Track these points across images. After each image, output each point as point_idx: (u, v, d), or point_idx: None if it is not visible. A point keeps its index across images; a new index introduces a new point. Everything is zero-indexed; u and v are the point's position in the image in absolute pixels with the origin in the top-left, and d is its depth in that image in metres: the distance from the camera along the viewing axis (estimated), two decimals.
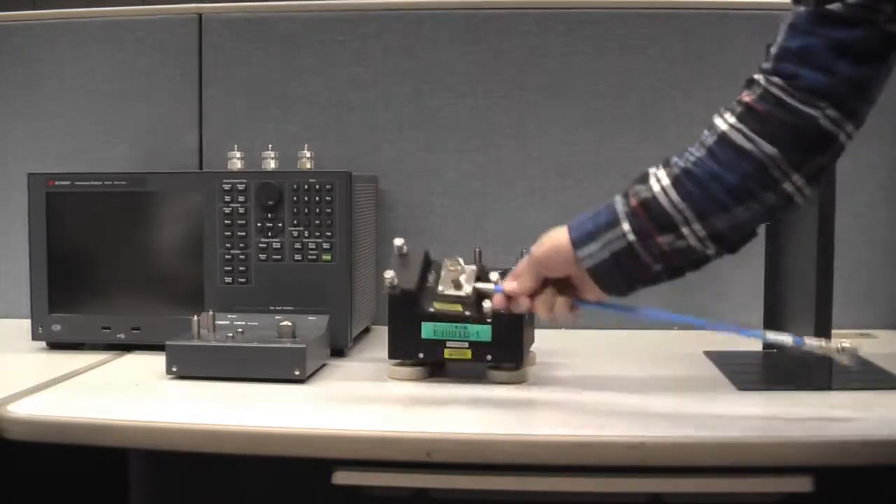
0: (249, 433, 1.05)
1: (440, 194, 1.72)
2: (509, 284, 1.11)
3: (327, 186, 1.41)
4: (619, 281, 1.04)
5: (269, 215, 1.42)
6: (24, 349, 1.46)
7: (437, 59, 1.71)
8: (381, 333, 1.35)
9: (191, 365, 1.26)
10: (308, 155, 1.52)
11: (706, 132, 1.00)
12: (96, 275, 1.46)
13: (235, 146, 1.51)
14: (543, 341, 1.40)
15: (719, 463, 1.02)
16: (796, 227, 1.25)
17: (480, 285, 1.14)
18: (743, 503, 1.07)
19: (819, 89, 0.94)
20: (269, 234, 1.42)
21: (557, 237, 1.06)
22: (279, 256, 1.42)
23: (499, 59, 1.70)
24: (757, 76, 0.98)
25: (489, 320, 1.13)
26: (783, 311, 1.38)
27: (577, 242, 1.04)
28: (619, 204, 1.03)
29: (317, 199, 1.41)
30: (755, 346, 1.44)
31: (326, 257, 1.41)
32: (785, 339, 1.06)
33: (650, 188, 1.01)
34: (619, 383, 1.27)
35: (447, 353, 1.27)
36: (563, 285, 1.09)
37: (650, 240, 1.00)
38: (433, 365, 1.29)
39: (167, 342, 1.27)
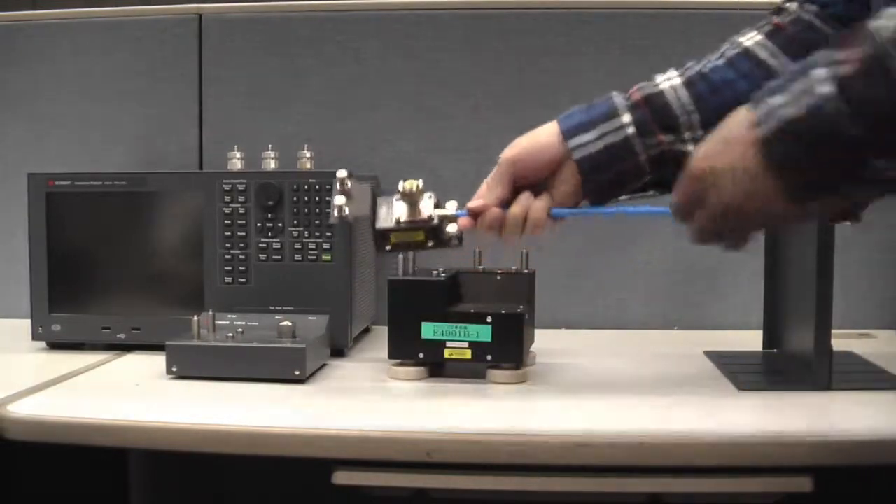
0: (249, 433, 1.05)
1: (440, 194, 1.72)
2: (475, 201, 1.04)
3: (327, 186, 1.41)
4: (606, 179, 0.98)
5: (269, 215, 1.42)
6: (24, 349, 1.46)
7: (437, 59, 1.71)
8: (381, 333, 1.35)
9: (191, 365, 1.26)
10: (308, 155, 1.51)
11: (727, 45, 0.98)
12: (96, 275, 1.46)
13: (235, 146, 1.51)
14: (543, 341, 1.40)
15: (719, 463, 1.02)
16: (796, 227, 1.25)
17: (441, 210, 1.07)
18: (743, 503, 1.07)
19: (847, 19, 0.94)
20: (269, 234, 1.42)
21: (540, 132, 1.00)
22: (279, 256, 1.42)
23: (499, 59, 1.70)
24: (789, 4, 0.98)
25: (455, 243, 1.06)
26: (783, 311, 1.38)
27: (568, 132, 0.98)
28: (618, 97, 0.98)
29: (317, 199, 1.41)
30: (755, 346, 1.45)
31: (326, 257, 1.41)
32: None
33: (656, 85, 0.97)
34: (619, 383, 1.27)
35: (447, 353, 1.27)
36: (537, 193, 1.01)
37: (651, 137, 0.95)
38: (433, 365, 1.29)
39: (167, 342, 1.27)
